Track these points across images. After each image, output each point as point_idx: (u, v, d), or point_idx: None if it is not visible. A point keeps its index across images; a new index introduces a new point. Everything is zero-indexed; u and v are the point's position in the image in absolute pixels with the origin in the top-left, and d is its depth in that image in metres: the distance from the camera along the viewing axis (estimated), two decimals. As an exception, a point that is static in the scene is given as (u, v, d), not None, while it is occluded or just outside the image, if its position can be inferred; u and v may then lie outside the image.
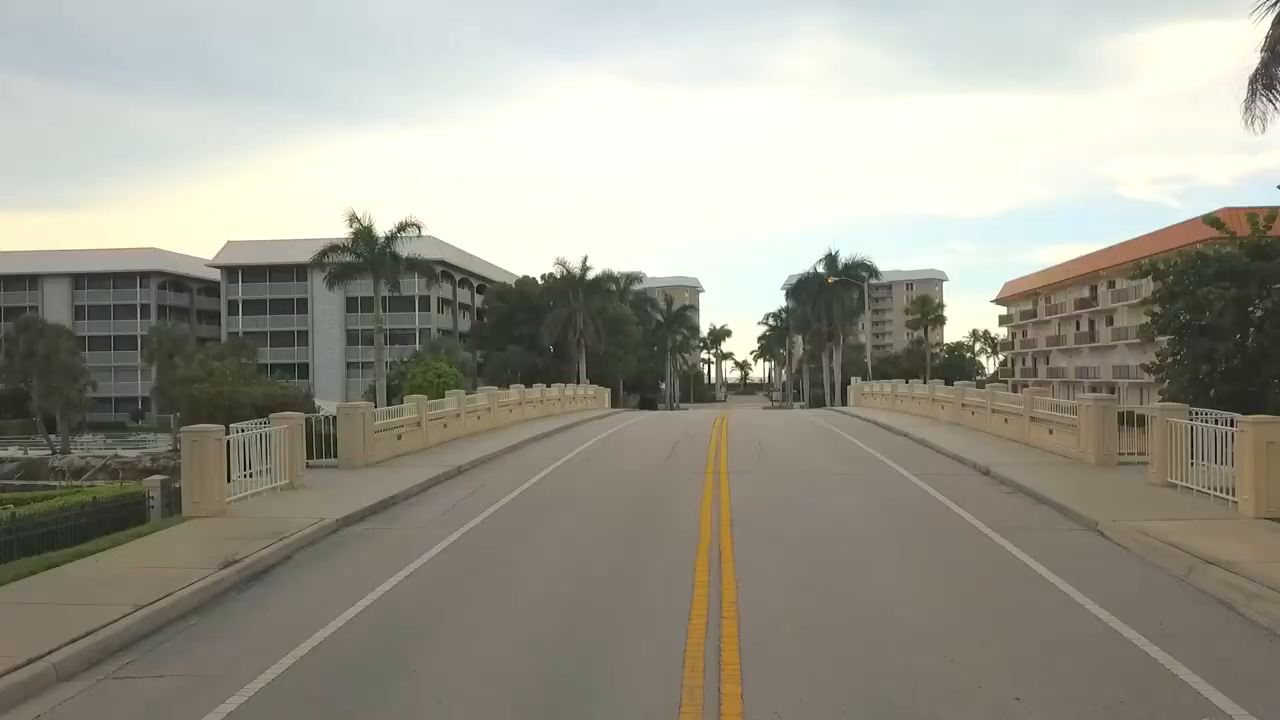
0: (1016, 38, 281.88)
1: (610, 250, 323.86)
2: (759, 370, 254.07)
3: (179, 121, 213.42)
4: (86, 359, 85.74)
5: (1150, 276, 23.23)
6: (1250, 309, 19.82)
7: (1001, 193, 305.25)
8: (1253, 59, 18.90)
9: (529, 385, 76.88)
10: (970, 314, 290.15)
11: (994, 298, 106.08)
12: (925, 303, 66.65)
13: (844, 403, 75.98)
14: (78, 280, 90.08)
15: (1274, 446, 12.29)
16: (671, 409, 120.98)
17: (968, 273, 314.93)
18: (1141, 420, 18.73)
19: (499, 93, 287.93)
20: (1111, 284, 75.66)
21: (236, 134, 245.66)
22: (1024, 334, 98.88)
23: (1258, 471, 12.35)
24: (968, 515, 13.57)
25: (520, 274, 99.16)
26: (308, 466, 17.77)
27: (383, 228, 54.66)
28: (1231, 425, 13.44)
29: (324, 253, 59.91)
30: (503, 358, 76.76)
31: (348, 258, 60.11)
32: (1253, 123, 18.21)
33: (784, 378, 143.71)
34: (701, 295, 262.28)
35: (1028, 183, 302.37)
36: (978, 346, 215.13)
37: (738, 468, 19.52)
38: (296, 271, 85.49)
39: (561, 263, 76.95)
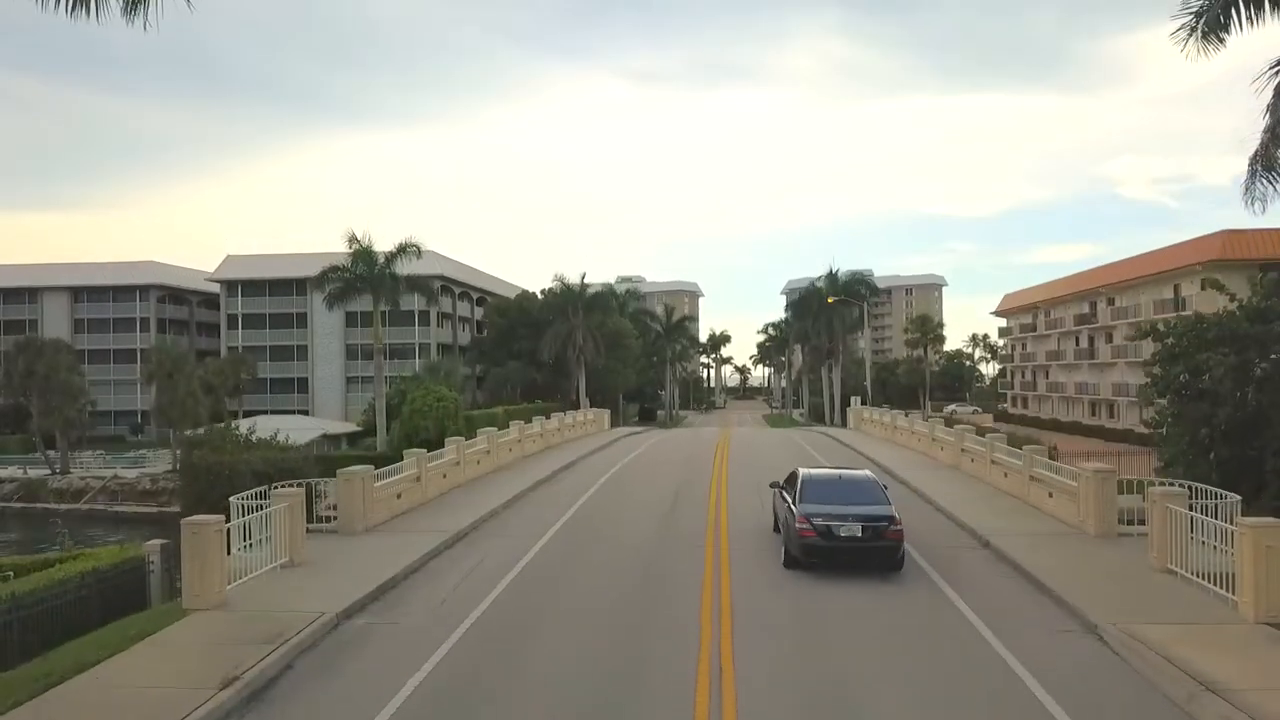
0: (1016, 38, 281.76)
1: (609, 250, 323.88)
2: (758, 372, 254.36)
3: (179, 122, 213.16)
4: (86, 372, 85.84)
5: (1150, 338, 23.13)
6: (1250, 369, 19.81)
7: (1001, 193, 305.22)
8: (1252, 122, 18.87)
9: (529, 400, 77.33)
10: (970, 312, 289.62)
11: (994, 309, 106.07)
12: (925, 322, 66.61)
13: (844, 420, 75.99)
14: (77, 293, 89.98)
15: (1273, 551, 12.29)
16: (671, 417, 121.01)
17: (967, 273, 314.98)
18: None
19: (499, 93, 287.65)
20: (1111, 301, 75.67)
21: (236, 134, 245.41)
22: (1023, 346, 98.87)
23: (1258, 575, 12.35)
24: (969, 612, 13.51)
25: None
26: (308, 530, 17.74)
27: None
28: (1231, 523, 13.45)
29: (324, 274, 60.04)
30: (502, 373, 76.73)
31: (348, 277, 60.27)
32: (1252, 204, 18.21)
33: (784, 384, 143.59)
34: (701, 300, 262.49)
35: (1027, 183, 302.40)
36: (977, 354, 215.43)
37: (737, 526, 19.53)
38: (296, 286, 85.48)
39: (560, 278, 76.92)
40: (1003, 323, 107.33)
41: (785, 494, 17.86)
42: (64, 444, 61.89)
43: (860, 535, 15.64)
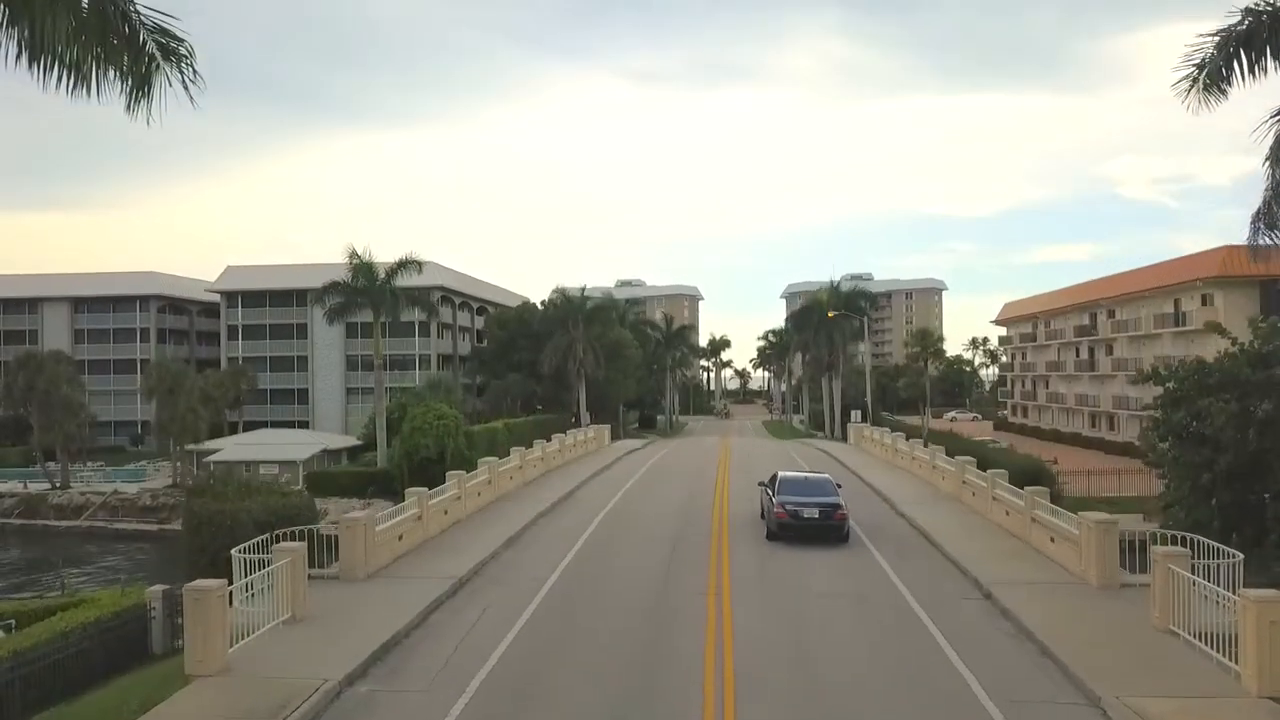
0: (1016, 38, 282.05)
1: (609, 250, 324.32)
2: (758, 374, 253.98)
3: (179, 122, 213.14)
4: (86, 382, 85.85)
5: (1152, 381, 23.15)
6: (1251, 414, 19.81)
7: (1001, 192, 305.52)
8: (1251, 173, 18.90)
9: (529, 412, 77.31)
10: (970, 311, 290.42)
11: (994, 317, 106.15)
12: (925, 335, 66.63)
13: (844, 432, 75.88)
14: (77, 304, 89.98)
15: (1277, 626, 12.29)
16: (671, 425, 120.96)
17: (967, 273, 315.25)
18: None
19: (499, 93, 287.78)
20: (1111, 313, 75.69)
21: (236, 134, 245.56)
22: (1023, 356, 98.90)
23: (1261, 649, 12.35)
24: (970, 677, 13.50)
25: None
26: (310, 576, 17.68)
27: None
28: (1234, 591, 13.46)
29: (324, 289, 60.13)
30: (502, 385, 76.74)
31: (348, 292, 60.31)
32: (1254, 259, 18.19)
33: (784, 389, 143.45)
34: (701, 304, 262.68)
35: (1027, 182, 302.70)
36: (977, 360, 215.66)
37: (738, 572, 19.57)
38: (296, 297, 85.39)
39: (560, 290, 76.94)
40: (1003, 331, 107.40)
41: (767, 489, 25.19)
42: (64, 458, 61.89)
43: (817, 517, 22.96)
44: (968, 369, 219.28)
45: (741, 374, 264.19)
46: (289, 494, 25.14)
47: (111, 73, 10.74)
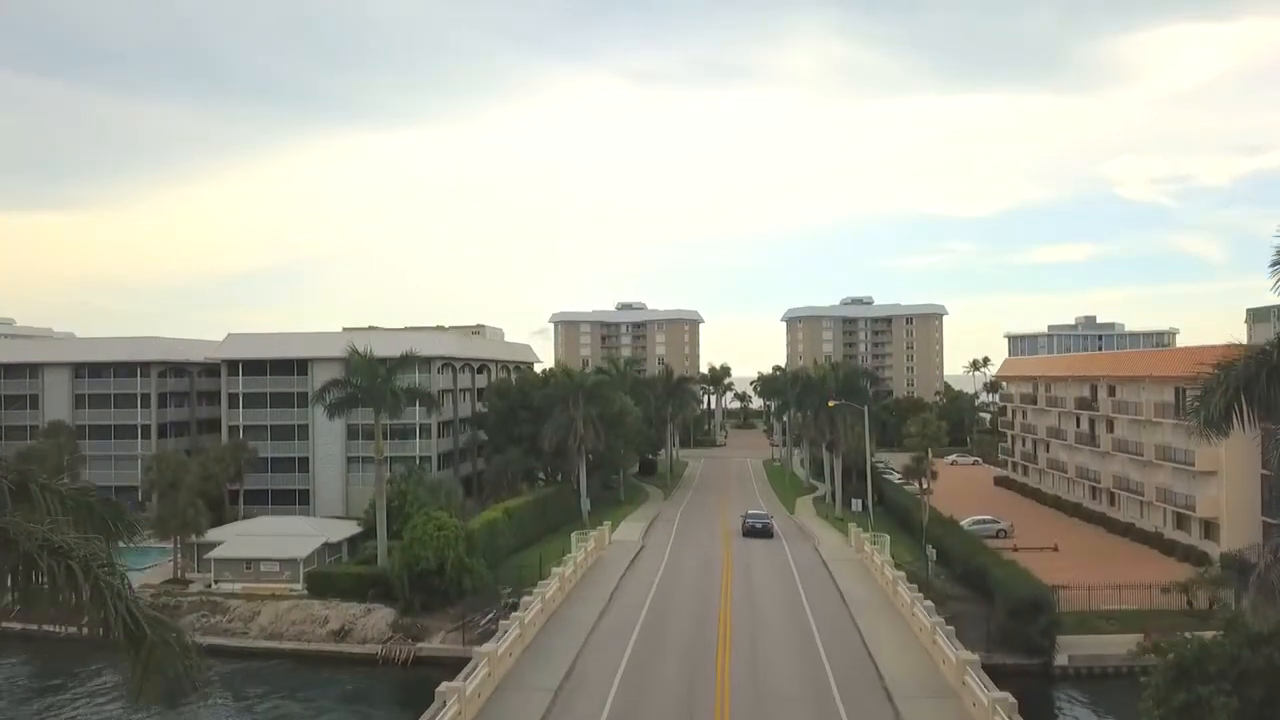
0: (1016, 39, 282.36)
1: (609, 250, 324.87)
2: (759, 381, 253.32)
3: (179, 123, 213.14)
4: (85, 447, 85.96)
5: (1153, 652, 23.10)
6: (1251, 710, 19.77)
7: (1000, 193, 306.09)
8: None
9: (531, 484, 77.38)
10: (969, 313, 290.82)
11: (995, 374, 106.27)
12: (926, 423, 66.53)
13: (846, 501, 75.77)
14: (78, 369, 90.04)
15: None
16: (671, 469, 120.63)
17: (968, 273, 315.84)
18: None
19: (499, 93, 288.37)
20: (1112, 390, 75.57)
21: (237, 134, 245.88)
22: (1024, 415, 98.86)
23: None
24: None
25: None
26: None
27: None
28: None
29: (324, 388, 60.41)
30: (503, 460, 76.79)
31: (349, 390, 60.42)
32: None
33: (784, 431, 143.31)
34: (702, 326, 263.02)
35: (1026, 183, 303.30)
36: (978, 391, 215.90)
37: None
38: (297, 366, 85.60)
39: (562, 364, 77.11)
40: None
41: (745, 518, 66.72)
42: (65, 553, 61.80)
43: (760, 528, 63.74)
44: (968, 400, 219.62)
45: (742, 397, 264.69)
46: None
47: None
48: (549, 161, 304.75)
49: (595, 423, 75.44)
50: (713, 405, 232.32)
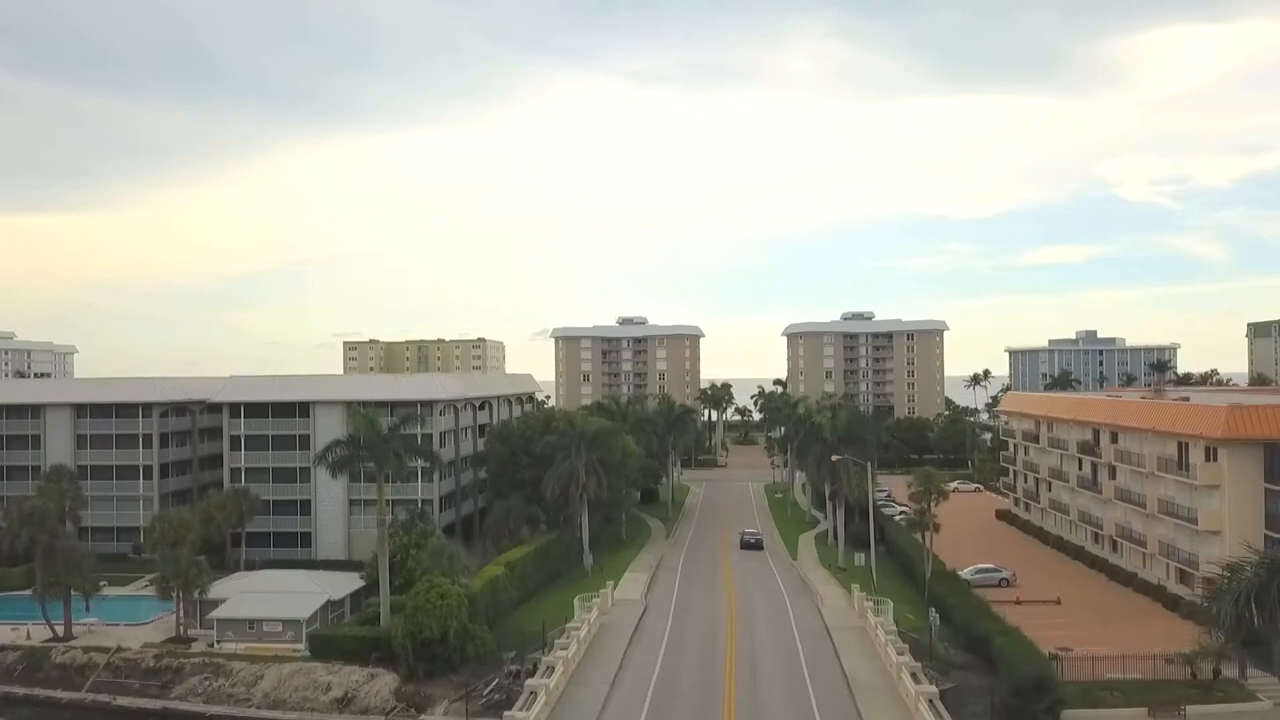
0: (1015, 41, 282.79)
1: (608, 253, 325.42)
2: (759, 396, 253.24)
3: (182, 124, 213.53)
4: (88, 487, 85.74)
5: None
6: None
7: (999, 194, 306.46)
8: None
9: (533, 529, 77.27)
10: (970, 314, 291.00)
11: (999, 408, 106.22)
12: (928, 478, 66.53)
13: (850, 556, 75.58)
14: (80, 410, 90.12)
15: None
16: (673, 499, 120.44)
17: (968, 274, 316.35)
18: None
19: (499, 95, 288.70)
20: (1115, 438, 75.51)
21: (238, 136, 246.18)
22: (1025, 452, 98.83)
23: None
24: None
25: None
26: None
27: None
28: None
29: (327, 449, 60.53)
30: (505, 507, 76.73)
31: (352, 449, 60.52)
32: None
33: (786, 458, 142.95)
34: (701, 327, 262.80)
35: (1025, 184, 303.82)
36: (978, 409, 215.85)
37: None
38: (299, 408, 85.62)
39: (568, 417, 77.31)
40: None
41: (742, 535, 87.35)
42: (67, 612, 61.89)
43: (754, 542, 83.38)
44: (970, 426, 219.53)
45: (743, 412, 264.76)
46: None
47: None
48: (549, 163, 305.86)
49: (597, 470, 75.47)
50: (713, 417, 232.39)
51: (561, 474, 73.78)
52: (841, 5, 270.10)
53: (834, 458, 69.95)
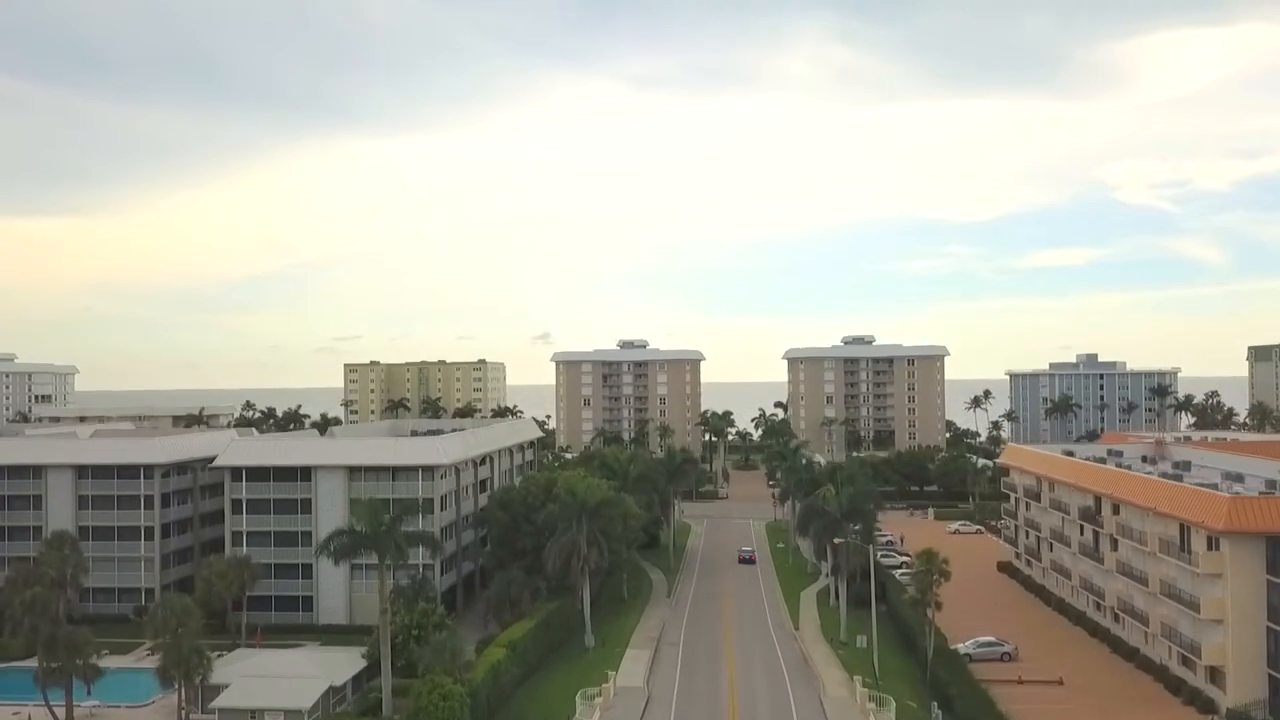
0: (1014, 44, 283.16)
1: (608, 253, 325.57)
2: (760, 419, 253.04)
3: (182, 126, 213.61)
4: (89, 548, 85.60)
5: None
6: None
7: (999, 197, 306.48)
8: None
9: (532, 598, 77.11)
10: (970, 315, 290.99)
11: (1001, 461, 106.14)
12: (931, 557, 66.44)
13: (850, 598, 75.09)
14: (81, 470, 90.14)
15: None
16: (674, 542, 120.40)
17: (967, 277, 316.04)
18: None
19: (498, 97, 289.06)
20: (1116, 509, 75.41)
21: (238, 138, 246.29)
22: (1027, 508, 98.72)
23: None
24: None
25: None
26: None
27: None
28: None
29: (329, 538, 60.56)
30: (506, 579, 76.59)
31: (354, 537, 60.52)
32: None
33: (788, 507, 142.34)
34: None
35: (1025, 187, 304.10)
36: (979, 439, 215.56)
37: None
38: (300, 472, 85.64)
39: (569, 485, 77.26)
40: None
41: (739, 552, 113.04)
42: (69, 699, 61.74)
43: (747, 557, 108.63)
44: (969, 443, 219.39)
45: (743, 435, 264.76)
46: None
47: None
48: (548, 165, 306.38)
49: (599, 540, 75.44)
50: (712, 439, 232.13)
51: (563, 546, 73.73)
52: (841, 9, 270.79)
53: (836, 540, 69.95)
